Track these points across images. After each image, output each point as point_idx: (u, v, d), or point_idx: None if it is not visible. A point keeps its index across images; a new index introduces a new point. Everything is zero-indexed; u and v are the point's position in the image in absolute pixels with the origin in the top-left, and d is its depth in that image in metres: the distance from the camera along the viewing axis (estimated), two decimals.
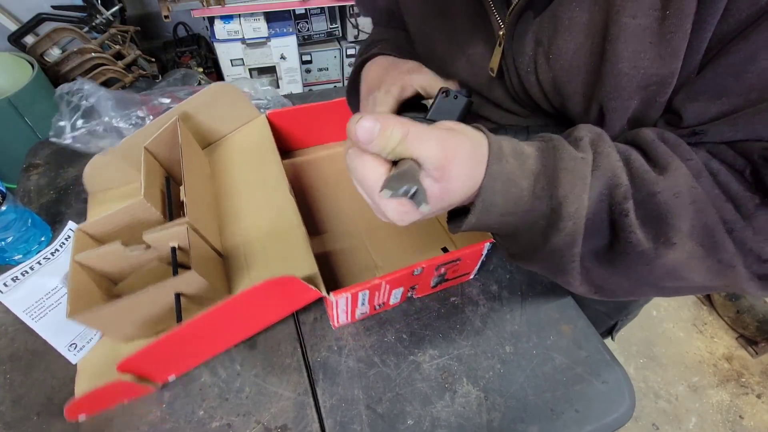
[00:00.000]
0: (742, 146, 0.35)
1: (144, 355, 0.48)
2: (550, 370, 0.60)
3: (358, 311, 0.61)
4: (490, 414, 0.55)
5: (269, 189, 0.68)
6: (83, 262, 0.54)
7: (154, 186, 0.62)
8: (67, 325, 0.56)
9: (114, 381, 0.49)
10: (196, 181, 0.63)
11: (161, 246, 0.56)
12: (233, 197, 0.69)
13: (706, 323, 1.77)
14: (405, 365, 0.59)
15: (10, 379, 0.55)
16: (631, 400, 0.58)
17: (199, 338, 0.53)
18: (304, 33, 2.20)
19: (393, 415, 0.55)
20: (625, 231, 0.34)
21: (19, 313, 0.56)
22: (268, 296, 0.52)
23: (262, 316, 0.57)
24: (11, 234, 0.63)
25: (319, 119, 0.82)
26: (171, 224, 0.54)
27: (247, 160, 0.74)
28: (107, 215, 0.56)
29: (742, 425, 1.49)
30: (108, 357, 0.56)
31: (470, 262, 0.63)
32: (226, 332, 0.56)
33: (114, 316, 0.51)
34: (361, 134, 0.31)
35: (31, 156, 0.85)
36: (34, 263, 0.60)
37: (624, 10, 0.34)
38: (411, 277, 0.58)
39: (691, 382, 1.58)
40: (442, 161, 0.32)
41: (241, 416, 0.54)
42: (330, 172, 0.83)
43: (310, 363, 0.59)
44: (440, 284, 0.66)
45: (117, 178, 0.73)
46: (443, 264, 0.59)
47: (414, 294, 0.65)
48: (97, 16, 1.76)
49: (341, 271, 0.68)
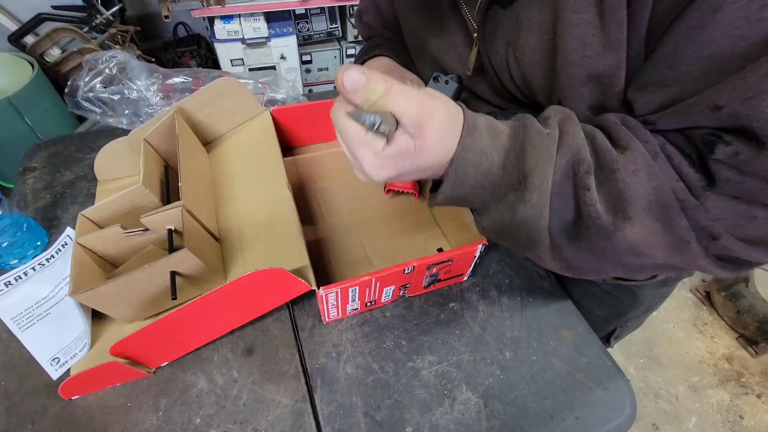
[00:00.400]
0: (687, 133, 0.37)
1: (136, 338, 0.50)
2: (551, 376, 0.59)
3: (348, 307, 0.61)
4: (489, 421, 0.55)
5: (267, 181, 0.69)
6: (85, 245, 0.56)
7: (153, 174, 0.64)
8: (52, 338, 0.56)
9: (107, 362, 0.51)
10: (192, 167, 0.65)
11: (159, 229, 0.58)
12: (232, 186, 0.71)
13: (707, 323, 1.76)
14: (404, 372, 0.59)
15: (4, 387, 0.55)
16: (632, 407, 0.57)
17: (190, 324, 0.54)
18: (304, 33, 2.19)
19: (392, 423, 0.54)
20: (586, 205, 0.37)
21: (7, 320, 0.56)
22: (257, 287, 0.53)
23: (252, 306, 0.58)
24: (6, 239, 0.62)
25: (322, 116, 0.83)
26: (167, 207, 0.56)
27: (248, 153, 0.75)
28: (107, 201, 0.58)
29: (742, 425, 1.49)
30: (105, 344, 0.57)
31: (463, 263, 0.63)
32: (217, 320, 0.57)
33: (113, 296, 0.53)
34: (347, 83, 0.33)
35: (28, 159, 0.84)
36: (28, 269, 0.60)
37: (567, 7, 0.38)
38: (402, 275, 0.57)
39: (691, 382, 1.58)
40: (418, 118, 0.34)
41: (238, 424, 0.53)
42: (330, 168, 0.83)
43: (308, 370, 0.58)
44: (433, 284, 0.66)
45: (125, 168, 0.76)
46: (435, 264, 0.58)
47: (406, 293, 0.65)
48: (97, 16, 1.76)
49: (335, 265, 0.68)
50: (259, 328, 0.62)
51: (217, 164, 0.75)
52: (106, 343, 0.58)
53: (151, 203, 0.61)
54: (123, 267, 0.60)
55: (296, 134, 0.84)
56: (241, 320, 0.60)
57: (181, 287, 0.54)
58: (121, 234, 0.56)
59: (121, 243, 0.58)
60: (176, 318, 0.51)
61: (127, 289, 0.53)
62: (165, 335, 0.53)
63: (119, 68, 0.87)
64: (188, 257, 0.53)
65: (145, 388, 0.56)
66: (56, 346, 0.56)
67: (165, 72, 0.93)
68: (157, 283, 0.54)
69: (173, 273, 0.53)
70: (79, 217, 0.57)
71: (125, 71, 0.87)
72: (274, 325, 0.62)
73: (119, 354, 0.52)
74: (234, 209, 0.68)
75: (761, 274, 1.69)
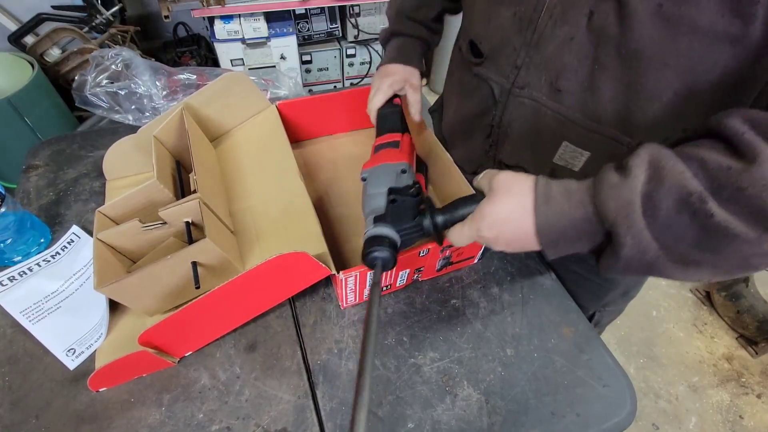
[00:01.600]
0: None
1: (163, 327, 0.51)
2: (552, 373, 0.59)
3: (366, 291, 0.62)
4: (491, 417, 0.55)
5: (279, 173, 0.70)
6: (105, 240, 0.57)
7: (165, 170, 0.65)
8: (66, 330, 0.56)
9: (136, 352, 0.51)
10: (205, 162, 0.66)
11: (176, 222, 0.59)
12: (243, 180, 0.72)
13: (707, 323, 1.77)
14: (405, 368, 0.59)
15: (9, 382, 0.55)
16: (632, 404, 0.57)
17: (215, 312, 0.55)
18: (304, 33, 2.19)
19: (393, 419, 0.54)
20: (719, 230, 0.35)
21: (16, 314, 0.56)
22: (280, 272, 0.54)
23: (272, 292, 0.59)
24: (10, 236, 0.63)
25: (328, 110, 0.84)
26: (184, 200, 0.57)
27: (257, 147, 0.76)
28: (123, 197, 0.59)
29: (742, 425, 1.49)
30: (124, 337, 0.58)
31: (473, 245, 0.63)
32: (240, 307, 0.58)
33: (137, 287, 0.54)
34: None
35: (31, 157, 0.84)
36: (33, 264, 0.60)
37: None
38: (417, 258, 0.59)
39: (691, 382, 1.58)
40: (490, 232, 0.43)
41: (241, 419, 0.53)
42: (336, 160, 0.85)
43: (310, 366, 0.59)
44: (445, 267, 0.67)
45: (133, 166, 0.77)
46: (448, 246, 0.60)
47: (420, 276, 0.66)
48: (97, 16, 1.76)
49: (345, 255, 0.69)
50: (261, 324, 0.62)
51: (227, 159, 0.76)
52: (123, 335, 0.58)
53: (166, 198, 0.62)
54: (144, 260, 0.61)
55: (302, 128, 0.85)
56: (262, 307, 0.61)
57: (201, 278, 0.55)
58: (139, 228, 0.57)
59: (139, 237, 0.59)
60: (202, 305, 0.51)
61: (150, 281, 0.54)
62: (191, 323, 0.54)
63: (125, 65, 0.88)
64: (209, 247, 0.54)
65: (148, 384, 0.56)
66: (71, 337, 0.57)
67: (169, 69, 0.94)
68: (179, 274, 0.55)
69: (194, 263, 0.55)
70: (96, 214, 0.58)
71: (131, 68, 0.88)
72: (276, 321, 0.63)
73: (146, 343, 0.53)
74: (247, 202, 0.69)
75: (761, 274, 1.69)
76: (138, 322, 0.59)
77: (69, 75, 1.75)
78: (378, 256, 0.48)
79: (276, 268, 0.52)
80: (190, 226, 0.59)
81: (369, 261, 0.48)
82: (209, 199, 0.60)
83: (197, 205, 0.57)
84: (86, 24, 1.77)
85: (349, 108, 0.86)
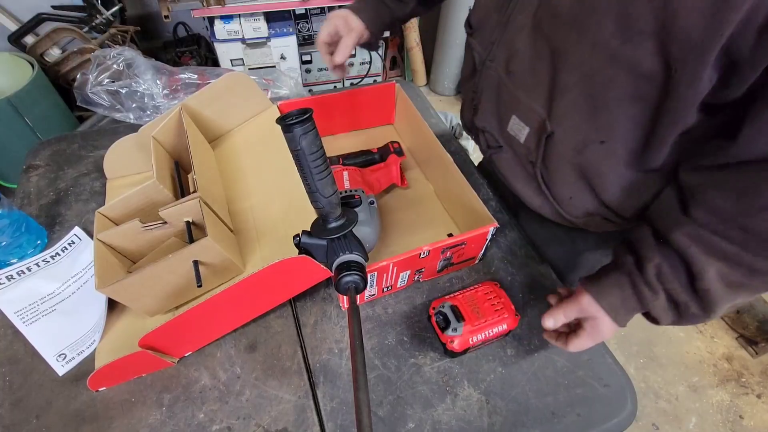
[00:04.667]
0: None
1: (164, 330, 0.51)
2: (552, 373, 0.59)
3: (366, 293, 0.62)
4: (491, 417, 0.55)
5: (280, 173, 0.70)
6: (105, 241, 0.57)
7: (164, 170, 0.65)
8: (58, 334, 0.56)
9: (136, 352, 0.51)
10: (204, 162, 0.66)
11: (176, 222, 0.59)
12: (244, 180, 0.72)
13: (706, 323, 1.77)
14: (406, 368, 0.59)
15: (9, 382, 0.55)
16: (632, 404, 0.57)
17: (217, 314, 0.55)
18: (304, 33, 2.19)
19: (394, 419, 0.54)
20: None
21: (10, 314, 0.56)
22: (280, 275, 0.54)
23: (273, 295, 0.59)
24: (4, 239, 0.62)
25: (328, 110, 0.84)
26: (184, 200, 0.57)
27: (258, 147, 0.76)
28: (123, 197, 0.59)
29: (742, 425, 1.49)
30: (124, 337, 0.58)
31: (475, 245, 0.64)
32: (241, 308, 0.58)
33: (138, 287, 0.54)
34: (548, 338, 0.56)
35: (31, 157, 0.84)
36: (32, 264, 0.60)
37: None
38: (417, 260, 0.59)
39: (691, 382, 1.58)
40: None
41: (242, 419, 0.53)
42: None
43: (311, 366, 0.59)
44: (446, 268, 0.67)
45: (133, 166, 0.77)
46: (449, 247, 0.60)
47: (420, 277, 0.66)
48: (97, 16, 1.76)
49: None
50: (262, 324, 0.62)
51: (228, 158, 0.76)
52: (123, 335, 0.58)
53: (166, 198, 0.62)
54: (145, 260, 0.61)
55: None
56: (263, 308, 0.60)
57: (202, 277, 0.55)
58: (140, 228, 0.57)
59: (139, 237, 0.59)
60: (203, 309, 0.51)
61: (151, 281, 0.54)
62: (191, 325, 0.54)
63: (126, 64, 0.89)
64: (211, 245, 0.54)
65: (149, 384, 0.56)
66: (62, 342, 0.56)
67: (171, 69, 0.94)
68: (180, 274, 0.55)
69: (196, 262, 0.55)
70: (96, 215, 0.58)
71: (132, 67, 0.89)
72: (277, 321, 0.63)
73: (147, 345, 0.53)
74: (248, 202, 0.69)
75: None
76: (138, 323, 0.59)
77: (69, 75, 1.75)
78: (350, 280, 0.50)
79: (277, 272, 0.52)
80: (191, 226, 0.59)
81: (343, 288, 0.51)
82: (209, 198, 0.60)
83: (197, 205, 0.57)
84: (86, 24, 1.77)
85: (349, 108, 0.86)
